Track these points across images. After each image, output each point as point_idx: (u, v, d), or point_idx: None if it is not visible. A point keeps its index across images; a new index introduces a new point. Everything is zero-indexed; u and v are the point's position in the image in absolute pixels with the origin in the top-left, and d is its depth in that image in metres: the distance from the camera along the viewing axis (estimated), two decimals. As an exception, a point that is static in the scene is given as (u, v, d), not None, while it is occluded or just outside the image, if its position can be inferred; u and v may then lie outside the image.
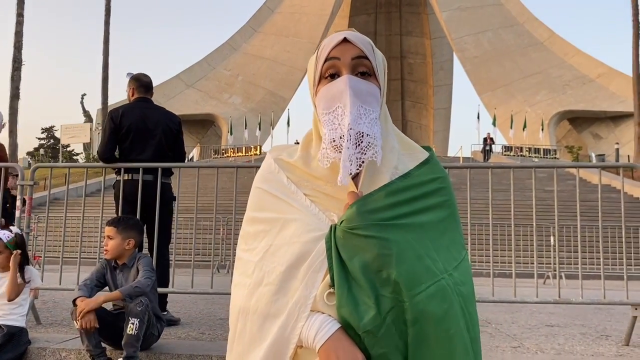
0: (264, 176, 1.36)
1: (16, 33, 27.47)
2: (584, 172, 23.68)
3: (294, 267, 1.21)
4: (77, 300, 3.30)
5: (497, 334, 4.37)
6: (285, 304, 1.19)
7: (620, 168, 5.12)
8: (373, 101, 1.27)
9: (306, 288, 1.18)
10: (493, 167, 4.99)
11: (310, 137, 1.35)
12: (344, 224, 1.20)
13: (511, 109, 42.56)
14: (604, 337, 4.38)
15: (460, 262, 1.23)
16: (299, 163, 1.33)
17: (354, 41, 1.29)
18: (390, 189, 1.24)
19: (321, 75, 1.31)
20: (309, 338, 1.15)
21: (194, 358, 3.39)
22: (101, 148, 4.72)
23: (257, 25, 52.31)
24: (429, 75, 60.18)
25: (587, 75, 44.51)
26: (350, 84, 1.25)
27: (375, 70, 1.30)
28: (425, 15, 58.34)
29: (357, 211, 1.20)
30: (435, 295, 1.13)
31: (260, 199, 1.34)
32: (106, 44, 34.29)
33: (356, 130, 1.22)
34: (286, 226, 1.26)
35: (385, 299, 1.13)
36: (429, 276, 1.15)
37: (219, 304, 6.00)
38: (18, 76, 27.18)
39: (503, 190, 16.79)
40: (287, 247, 1.23)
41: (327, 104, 1.27)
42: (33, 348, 3.57)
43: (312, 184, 1.30)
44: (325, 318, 1.16)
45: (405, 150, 1.35)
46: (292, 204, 1.28)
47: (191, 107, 46.83)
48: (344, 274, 1.17)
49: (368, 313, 1.12)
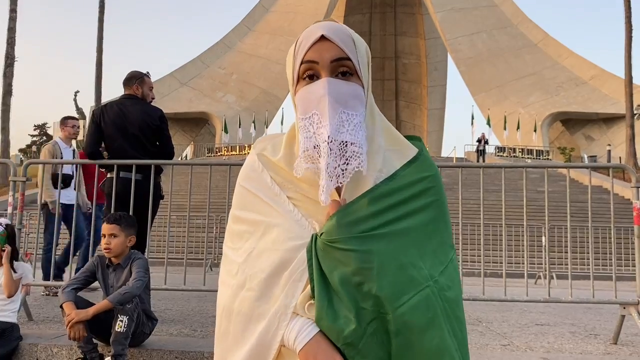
0: (248, 174, 1.33)
1: (9, 29, 27.33)
2: (575, 173, 23.81)
3: (275, 274, 1.20)
4: (64, 305, 3.26)
5: (487, 332, 4.41)
6: (267, 310, 1.19)
7: (611, 169, 5.16)
8: (356, 104, 1.21)
9: (286, 297, 1.18)
10: (485, 167, 5.02)
11: (293, 132, 1.30)
12: (324, 236, 1.17)
13: (505, 110, 42.74)
14: (593, 335, 4.42)
15: (446, 265, 1.21)
16: (282, 163, 1.29)
17: (332, 38, 1.20)
18: (374, 195, 1.20)
19: (299, 76, 1.24)
20: (289, 340, 1.15)
21: (186, 354, 3.40)
22: (85, 144, 4.81)
23: (251, 24, 52.26)
24: (423, 76, 60.31)
25: (580, 77, 44.76)
26: (329, 89, 1.18)
27: (357, 69, 1.23)
28: (420, 16, 58.45)
29: (337, 223, 1.17)
30: (418, 305, 1.11)
31: (243, 197, 1.31)
32: (100, 42, 34.11)
33: (339, 141, 1.16)
34: (269, 231, 1.24)
35: (366, 312, 1.11)
36: (412, 286, 1.13)
37: (211, 302, 6.00)
38: (11, 72, 27.04)
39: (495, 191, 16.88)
40: (269, 254, 1.22)
41: (303, 108, 1.21)
42: (24, 344, 3.57)
43: (295, 186, 1.27)
44: (305, 322, 1.16)
45: (393, 146, 1.29)
46: (275, 207, 1.26)
47: (185, 106, 46.73)
48: (324, 286, 1.15)
49: (348, 326, 1.11)
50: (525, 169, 4.93)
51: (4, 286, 3.60)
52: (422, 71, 60.39)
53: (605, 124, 42.51)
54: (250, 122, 44.49)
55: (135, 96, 4.85)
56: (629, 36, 30.25)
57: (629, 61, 30.15)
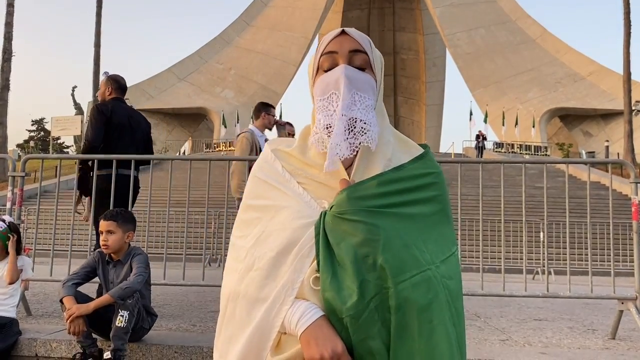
0: (260, 165, 1.39)
1: (6, 24, 27.24)
2: (573, 169, 23.84)
3: (284, 252, 1.22)
4: (64, 299, 3.27)
5: (485, 327, 4.42)
6: (274, 289, 1.20)
7: (609, 165, 5.17)
8: (369, 89, 1.29)
9: (294, 272, 1.20)
10: (483, 163, 5.02)
11: (308, 129, 1.36)
12: (333, 209, 1.22)
13: (503, 105, 42.75)
14: (591, 330, 4.43)
15: (448, 256, 1.23)
16: (295, 152, 1.35)
17: (352, 34, 1.33)
18: (382, 179, 1.25)
19: (319, 67, 1.34)
20: (292, 323, 1.16)
21: (185, 349, 3.40)
22: (92, 135, 4.70)
23: (250, 19, 52.11)
24: (422, 71, 60.28)
25: (579, 73, 44.77)
26: (345, 72, 1.28)
27: (372, 65, 1.33)
28: (419, 11, 58.36)
29: (347, 197, 1.22)
30: (420, 284, 1.13)
31: (255, 186, 1.36)
32: (98, 37, 34.02)
33: (348, 117, 1.24)
34: (278, 213, 1.28)
35: (369, 284, 1.13)
36: (415, 265, 1.15)
37: (210, 297, 6.01)
38: (8, 67, 26.98)
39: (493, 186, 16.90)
40: (278, 233, 1.24)
41: (322, 90, 1.30)
42: (24, 339, 3.57)
43: (305, 172, 1.32)
44: (308, 305, 1.17)
45: (401, 146, 1.36)
46: (285, 191, 1.30)
47: (183, 101, 46.65)
48: (329, 259, 1.18)
49: (351, 297, 1.12)
50: (524, 165, 4.93)
51: (8, 271, 3.63)
52: (420, 67, 60.35)
53: (604, 120, 42.56)
54: (249, 118, 44.37)
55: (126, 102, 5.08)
56: (627, 32, 30.24)
57: (628, 57, 30.16)
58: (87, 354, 3.27)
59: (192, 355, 3.39)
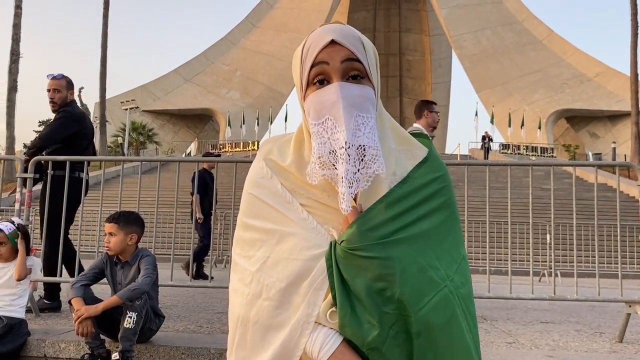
0: (256, 181, 1.30)
1: (14, 25, 27.37)
2: (580, 171, 23.74)
3: (294, 284, 1.19)
4: (72, 300, 3.30)
5: (492, 330, 4.41)
6: (288, 318, 1.18)
7: (617, 167, 5.15)
8: (369, 106, 1.20)
9: (308, 306, 1.17)
10: (490, 165, 5.02)
11: (301, 136, 1.28)
12: (344, 244, 1.17)
13: (509, 107, 42.63)
14: (598, 333, 4.42)
15: (459, 263, 1.23)
16: (293, 168, 1.26)
17: (342, 42, 1.19)
18: (390, 200, 1.21)
19: (309, 81, 1.21)
20: (313, 352, 1.15)
21: (192, 350, 3.41)
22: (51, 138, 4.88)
23: (256, 21, 52.23)
24: (428, 72, 60.19)
25: (585, 74, 44.60)
26: (342, 93, 1.17)
27: (367, 72, 1.22)
28: (425, 12, 58.30)
29: (358, 230, 1.16)
30: (438, 305, 1.13)
31: (253, 205, 1.28)
32: (104, 38, 34.16)
33: (356, 145, 1.15)
34: (284, 239, 1.22)
35: (388, 316, 1.13)
36: (431, 287, 1.14)
37: (216, 298, 6.02)
38: (16, 69, 27.09)
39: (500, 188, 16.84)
40: (286, 263, 1.20)
41: (316, 113, 1.19)
42: (32, 339, 3.59)
43: (307, 192, 1.25)
44: (328, 332, 1.16)
45: (402, 146, 1.30)
46: (289, 215, 1.24)
47: (189, 102, 46.81)
48: (346, 293, 1.16)
49: (372, 331, 1.12)
50: (531, 167, 4.92)
51: (17, 267, 3.66)
52: (426, 68, 60.27)
53: (610, 122, 42.37)
54: (254, 119, 44.51)
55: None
56: (634, 33, 30.11)
57: (635, 58, 30.02)
58: (95, 355, 3.29)
59: (200, 357, 3.40)
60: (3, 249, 3.71)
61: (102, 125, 33.33)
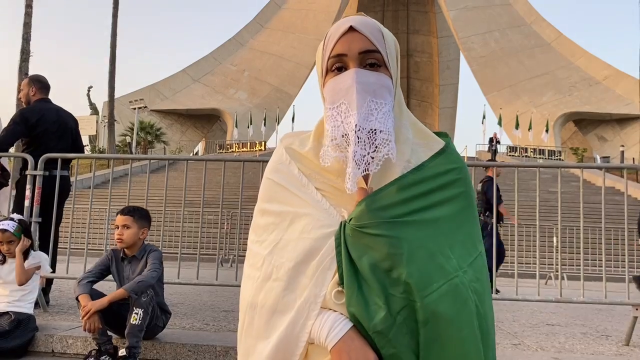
0: (275, 167, 1.32)
1: (25, 24, 27.54)
2: (588, 174, 23.62)
3: (303, 263, 1.18)
4: (79, 297, 3.33)
5: (498, 332, 4.41)
6: (294, 301, 1.16)
7: (625, 170, 5.13)
8: (385, 92, 1.20)
9: (316, 286, 1.16)
10: (497, 166, 5.02)
11: (321, 126, 1.27)
12: (352, 221, 1.16)
13: (517, 109, 42.47)
14: (605, 336, 4.41)
15: (475, 257, 1.19)
16: (311, 155, 1.28)
17: (361, 30, 1.20)
18: (402, 183, 1.19)
19: (327, 69, 1.24)
20: (321, 337, 1.13)
21: (198, 348, 3.44)
22: (6, 139, 4.83)
23: (264, 21, 52.33)
24: (435, 74, 60.09)
25: (594, 77, 44.37)
26: (357, 78, 1.18)
27: (386, 61, 1.22)
28: (433, 14, 58.20)
29: (367, 208, 1.16)
30: (447, 294, 1.09)
31: (270, 190, 1.30)
32: (114, 37, 34.28)
33: (367, 129, 1.15)
34: (296, 220, 1.23)
35: (395, 299, 1.10)
36: (441, 275, 1.11)
37: (222, 296, 6.05)
38: (26, 67, 27.24)
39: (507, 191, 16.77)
40: (297, 243, 1.20)
41: (331, 98, 1.21)
42: (40, 335, 3.63)
43: (323, 177, 1.26)
44: (337, 317, 1.13)
45: (420, 139, 1.28)
46: (303, 197, 1.25)
47: (197, 102, 46.95)
48: (353, 273, 1.14)
49: (378, 313, 1.09)
50: (538, 169, 4.92)
51: (16, 274, 3.69)
52: (434, 70, 60.16)
53: (619, 125, 42.12)
54: (262, 119, 44.57)
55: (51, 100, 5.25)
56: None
57: (644, 61, 29.82)
58: (102, 351, 3.32)
59: (206, 354, 3.43)
60: (13, 247, 3.75)
61: (111, 125, 33.45)
